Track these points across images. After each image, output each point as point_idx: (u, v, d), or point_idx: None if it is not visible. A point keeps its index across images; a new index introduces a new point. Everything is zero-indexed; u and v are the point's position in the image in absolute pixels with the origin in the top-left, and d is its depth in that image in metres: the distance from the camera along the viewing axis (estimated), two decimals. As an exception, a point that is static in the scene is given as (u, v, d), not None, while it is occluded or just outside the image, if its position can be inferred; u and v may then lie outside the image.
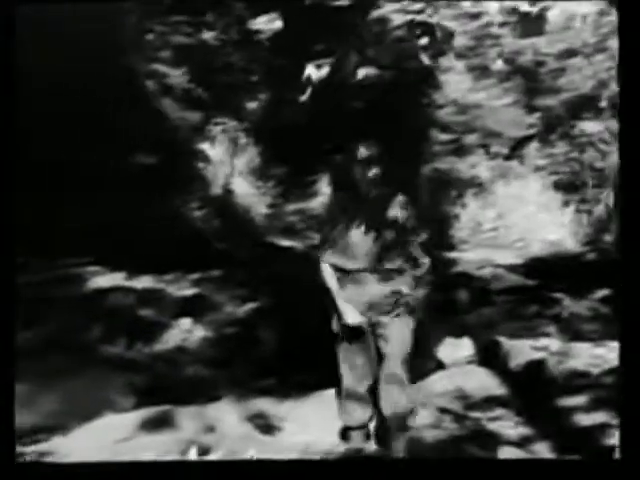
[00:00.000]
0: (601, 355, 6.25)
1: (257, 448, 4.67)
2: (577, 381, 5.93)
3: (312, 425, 5.29)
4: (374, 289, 4.82)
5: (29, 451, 4.72)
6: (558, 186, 14.25)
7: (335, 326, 4.94)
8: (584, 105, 14.25)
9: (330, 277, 4.90)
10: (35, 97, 8.58)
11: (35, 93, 8.61)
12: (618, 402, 3.44)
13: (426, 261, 4.87)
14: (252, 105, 13.87)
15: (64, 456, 4.63)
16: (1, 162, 3.41)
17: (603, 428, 4.86)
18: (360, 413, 5.02)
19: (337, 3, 9.78)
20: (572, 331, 7.47)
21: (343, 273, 4.88)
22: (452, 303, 8.45)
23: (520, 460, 4.50)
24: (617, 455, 3.44)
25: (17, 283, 4.17)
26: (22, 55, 4.19)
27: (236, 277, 9.14)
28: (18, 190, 4.08)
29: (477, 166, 15.00)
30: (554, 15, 13.90)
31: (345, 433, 5.08)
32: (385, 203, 4.84)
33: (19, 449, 4.69)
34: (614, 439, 4.03)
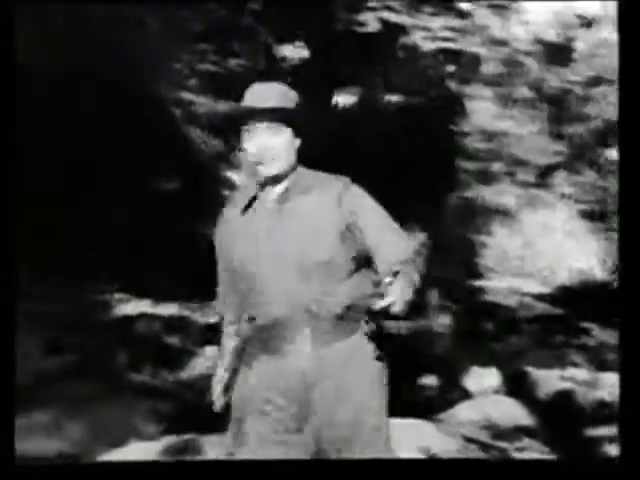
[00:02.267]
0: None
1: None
2: (605, 411, 5.88)
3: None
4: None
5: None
6: (585, 214, 14.20)
7: None
8: (610, 132, 14.22)
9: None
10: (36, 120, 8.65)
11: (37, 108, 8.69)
12: (619, 415, 3.38)
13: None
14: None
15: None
16: (5, 166, 3.38)
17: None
18: None
19: (365, 30, 9.85)
20: (600, 361, 7.41)
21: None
22: (479, 332, 8.41)
23: (521, 461, 4.46)
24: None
25: (25, 292, 4.17)
26: (22, 55, 4.20)
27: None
28: (34, 208, 4.07)
29: (504, 194, 14.98)
30: (580, 43, 13.92)
31: None
32: None
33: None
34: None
